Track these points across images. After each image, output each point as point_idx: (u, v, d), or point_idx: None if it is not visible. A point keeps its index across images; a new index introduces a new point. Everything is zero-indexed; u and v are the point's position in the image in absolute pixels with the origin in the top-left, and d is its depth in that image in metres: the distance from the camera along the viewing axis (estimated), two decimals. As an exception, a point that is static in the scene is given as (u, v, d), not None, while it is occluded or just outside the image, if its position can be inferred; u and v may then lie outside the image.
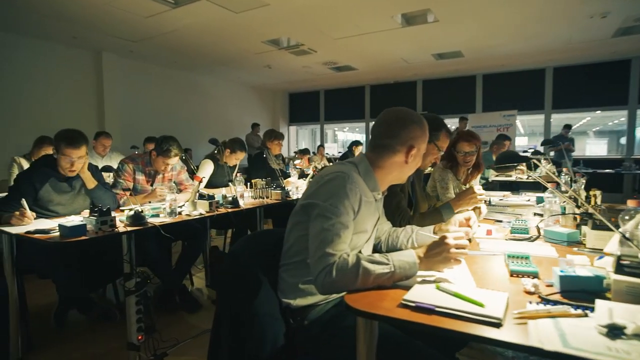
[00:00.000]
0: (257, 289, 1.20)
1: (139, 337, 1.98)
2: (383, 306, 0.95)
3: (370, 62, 8.31)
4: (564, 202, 1.83)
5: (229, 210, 2.53)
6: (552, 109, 8.68)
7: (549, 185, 1.89)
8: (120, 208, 2.53)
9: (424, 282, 1.09)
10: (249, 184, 3.12)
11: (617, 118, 10.99)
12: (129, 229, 1.92)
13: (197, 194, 2.41)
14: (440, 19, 5.59)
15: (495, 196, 2.96)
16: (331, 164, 6.51)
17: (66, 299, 2.27)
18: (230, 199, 2.61)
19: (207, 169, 3.42)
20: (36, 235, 1.81)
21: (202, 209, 2.38)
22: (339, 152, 12.08)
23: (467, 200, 1.86)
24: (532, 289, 0.99)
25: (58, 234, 1.83)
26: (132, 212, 2.00)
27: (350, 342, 1.06)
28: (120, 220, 2.01)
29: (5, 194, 3.47)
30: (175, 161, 2.81)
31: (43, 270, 2.25)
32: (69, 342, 2.34)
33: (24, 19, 5.47)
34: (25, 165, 3.74)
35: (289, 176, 4.04)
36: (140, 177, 2.83)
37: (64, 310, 2.47)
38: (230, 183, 3.52)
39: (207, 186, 3.39)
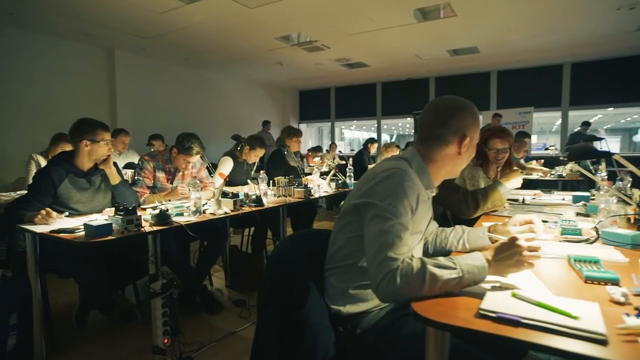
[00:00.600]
0: (306, 294, 1.12)
1: (165, 341, 1.91)
2: (458, 316, 0.85)
3: (383, 58, 8.20)
4: (617, 201, 1.72)
5: (253, 209, 2.45)
6: (569, 106, 8.50)
7: (604, 184, 1.78)
8: (142, 206, 2.46)
9: (493, 289, 0.99)
10: (270, 182, 3.04)
11: (630, 115, 10.78)
12: (155, 228, 1.84)
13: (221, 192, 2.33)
14: (458, 13, 5.46)
15: (526, 195, 2.84)
16: (343, 162, 6.40)
17: (88, 300, 2.20)
18: (254, 197, 2.53)
19: (226, 166, 3.33)
20: (61, 235, 1.73)
21: (227, 207, 2.30)
22: (352, 150, 11.98)
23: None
24: (622, 299, 0.88)
25: (83, 233, 1.76)
26: (157, 211, 1.92)
27: (413, 353, 0.97)
28: (145, 219, 1.93)
29: (23, 192, 3.44)
30: (196, 159, 2.74)
31: (66, 270, 2.18)
32: (92, 343, 2.27)
33: (38, 16, 5.44)
34: (43, 162, 3.69)
35: (309, 174, 3.95)
36: (161, 175, 2.75)
37: (85, 311, 2.40)
38: (249, 181, 3.44)
39: (226, 184, 3.31)
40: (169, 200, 2.55)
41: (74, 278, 2.14)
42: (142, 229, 1.80)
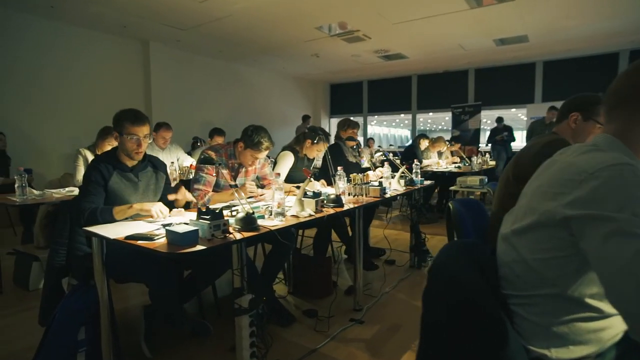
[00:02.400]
0: (501, 333, 0.83)
1: (252, 363, 1.66)
2: None
3: (423, 49, 7.83)
4: None
5: (334, 210, 2.17)
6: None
7: None
8: (209, 207, 2.21)
9: None
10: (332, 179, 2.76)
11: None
12: (245, 235, 1.58)
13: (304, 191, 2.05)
14: (517, -4, 5.06)
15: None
16: (383, 157, 6.03)
17: (162, 309, 1.96)
18: (333, 197, 2.25)
19: (287, 162, 3.08)
20: (141, 243, 1.49)
21: (310, 208, 2.03)
22: (379, 147, 11.62)
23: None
24: None
25: (164, 241, 1.52)
26: (242, 214, 1.67)
27: None
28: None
29: (71, 188, 3.27)
30: (265, 155, 2.48)
31: (135, 278, 1.96)
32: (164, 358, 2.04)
33: (78, 8, 5.30)
34: (91, 157, 3.51)
35: (367, 169, 3.67)
36: (224, 171, 2.51)
37: (150, 336, 2.16)
38: (311, 178, 3.17)
39: (286, 181, 3.06)
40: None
41: (146, 284, 1.90)
42: (231, 235, 1.55)
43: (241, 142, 2.44)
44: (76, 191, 3.10)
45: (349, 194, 2.55)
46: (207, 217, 1.52)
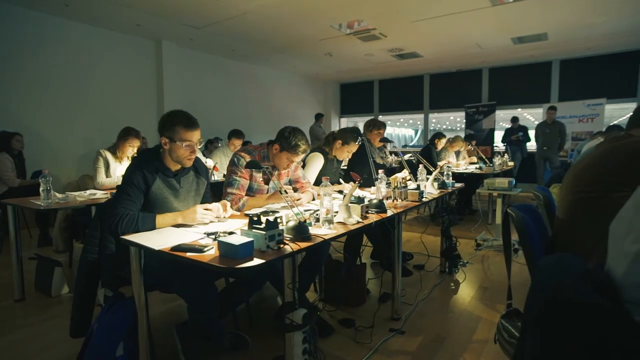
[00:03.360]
0: None
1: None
2: None
3: (439, 48, 7.69)
4: None
5: (379, 216, 2.05)
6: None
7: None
8: (246, 213, 2.10)
9: None
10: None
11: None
12: (300, 245, 1.47)
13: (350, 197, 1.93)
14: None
15: None
16: (398, 158, 5.91)
17: (201, 325, 1.84)
18: (375, 202, 2.13)
19: (317, 164, 2.97)
20: (190, 255, 1.38)
21: (356, 215, 1.91)
22: (393, 147, 11.46)
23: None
24: None
25: (213, 252, 1.41)
26: (294, 223, 1.55)
27: None
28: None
29: (92, 191, 3.17)
30: (301, 158, 2.37)
31: (170, 290, 1.84)
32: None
33: (92, 7, 5.20)
34: (112, 159, 3.41)
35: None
36: (258, 174, 2.40)
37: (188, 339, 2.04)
38: (341, 180, 3.06)
39: (316, 184, 2.94)
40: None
41: (186, 299, 1.78)
42: (286, 246, 1.43)
43: (277, 144, 2.32)
44: (99, 194, 3.00)
45: (387, 198, 2.43)
46: (261, 226, 1.41)
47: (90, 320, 1.88)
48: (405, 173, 3.38)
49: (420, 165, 2.99)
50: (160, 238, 1.62)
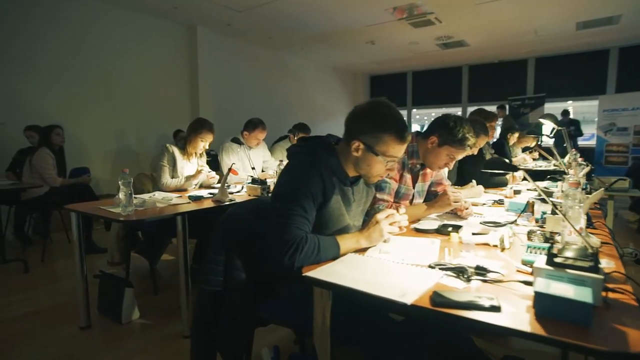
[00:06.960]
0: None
1: None
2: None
3: (490, 36, 7.15)
4: None
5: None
6: None
7: None
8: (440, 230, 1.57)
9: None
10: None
11: None
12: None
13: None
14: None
15: None
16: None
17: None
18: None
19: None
20: (464, 314, 0.85)
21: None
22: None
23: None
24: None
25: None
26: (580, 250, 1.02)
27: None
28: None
29: (164, 195, 2.63)
30: (465, 154, 1.84)
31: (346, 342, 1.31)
32: None
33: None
34: (179, 155, 2.86)
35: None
36: (407, 175, 1.86)
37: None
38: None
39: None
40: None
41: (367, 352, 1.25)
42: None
43: (435, 135, 1.77)
44: (174, 198, 2.47)
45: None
46: (587, 264, 0.86)
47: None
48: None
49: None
50: (356, 273, 1.09)
